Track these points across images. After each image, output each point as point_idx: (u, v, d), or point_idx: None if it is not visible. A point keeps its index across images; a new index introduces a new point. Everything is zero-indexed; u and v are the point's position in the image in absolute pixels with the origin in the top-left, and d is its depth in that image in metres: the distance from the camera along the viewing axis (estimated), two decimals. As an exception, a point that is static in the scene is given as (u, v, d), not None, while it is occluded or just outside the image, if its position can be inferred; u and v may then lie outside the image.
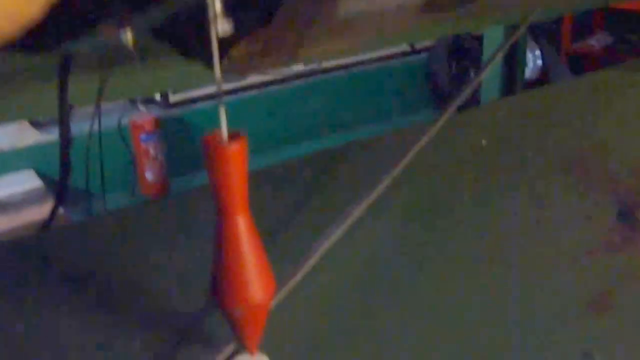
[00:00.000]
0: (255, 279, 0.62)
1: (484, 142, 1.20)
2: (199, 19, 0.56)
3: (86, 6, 0.62)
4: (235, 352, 0.70)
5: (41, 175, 3.08)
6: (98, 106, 1.38)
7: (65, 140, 1.31)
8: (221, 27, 0.56)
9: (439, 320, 0.75)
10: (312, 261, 0.81)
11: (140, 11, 0.64)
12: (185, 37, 0.75)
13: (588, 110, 1.37)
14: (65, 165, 1.32)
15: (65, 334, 0.75)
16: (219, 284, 0.62)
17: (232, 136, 0.58)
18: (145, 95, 3.35)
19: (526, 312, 0.75)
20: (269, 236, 0.91)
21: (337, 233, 0.85)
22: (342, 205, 0.92)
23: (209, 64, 0.65)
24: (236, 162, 0.58)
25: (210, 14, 0.52)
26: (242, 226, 0.60)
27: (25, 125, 3.30)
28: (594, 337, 0.71)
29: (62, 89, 1.22)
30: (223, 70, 0.71)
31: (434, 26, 1.94)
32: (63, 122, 1.29)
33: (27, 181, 3.00)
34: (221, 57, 0.69)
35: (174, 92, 3.70)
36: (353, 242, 0.89)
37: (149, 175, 3.43)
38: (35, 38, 0.66)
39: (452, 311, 0.76)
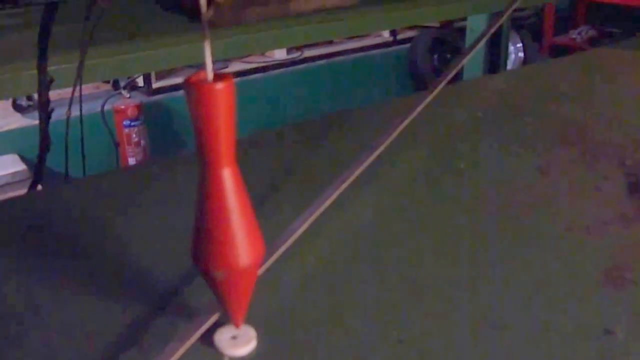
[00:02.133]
0: (241, 240, 0.54)
1: (479, 113, 1.16)
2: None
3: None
4: (218, 324, 0.63)
5: (25, 159, 3.09)
6: (79, 84, 1.34)
7: (45, 111, 1.28)
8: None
9: (438, 294, 0.71)
10: (302, 229, 0.77)
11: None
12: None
13: (586, 84, 1.34)
14: (44, 140, 1.29)
15: (37, 302, 0.71)
16: (201, 246, 0.55)
17: (218, 77, 0.51)
18: (126, 76, 3.33)
19: (539, 286, 0.71)
20: (258, 202, 0.88)
21: (327, 201, 0.81)
22: (332, 173, 0.88)
23: (190, 16, 0.60)
24: (222, 102, 0.50)
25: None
26: (228, 180, 0.53)
27: (8, 109, 3.32)
28: (613, 312, 0.67)
29: (42, 52, 1.18)
30: (209, 20, 0.67)
31: (415, 12, 1.92)
32: (42, 93, 1.25)
33: (10, 165, 3.01)
34: (206, 7, 0.65)
35: (157, 78, 3.68)
36: (346, 208, 0.85)
37: (132, 161, 3.44)
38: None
39: (455, 286, 0.72)
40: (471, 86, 1.37)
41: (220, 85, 0.50)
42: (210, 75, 0.51)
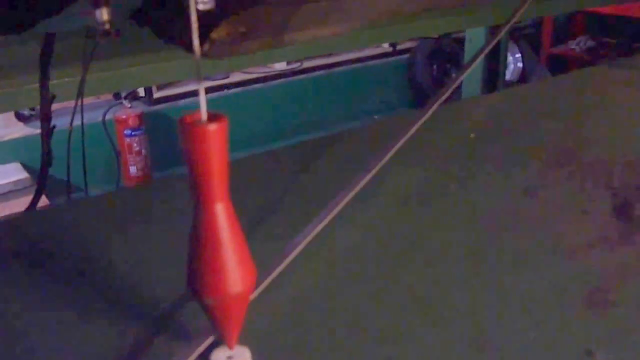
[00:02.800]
0: (232, 270, 0.57)
1: (472, 135, 1.19)
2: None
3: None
4: (215, 344, 0.66)
5: (27, 167, 3.10)
6: (80, 97, 1.36)
7: (47, 130, 1.30)
8: (202, 1, 0.55)
9: (427, 314, 0.73)
10: (297, 251, 0.80)
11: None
12: (165, 19, 0.73)
13: (578, 104, 1.37)
14: (47, 154, 1.31)
15: (36, 322, 0.73)
16: (195, 274, 0.58)
17: (212, 117, 0.54)
18: (128, 89, 3.36)
19: (523, 307, 0.74)
20: (254, 224, 0.90)
21: (322, 223, 0.84)
22: (327, 194, 0.90)
23: (189, 47, 0.63)
24: (215, 143, 0.53)
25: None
26: (221, 214, 0.56)
27: (11, 118, 3.34)
28: (595, 334, 0.70)
29: (44, 72, 1.20)
30: (204, 54, 0.70)
31: (415, 25, 1.94)
32: (44, 109, 1.27)
33: (13, 173, 3.02)
34: (201, 40, 0.68)
35: (158, 88, 3.71)
36: (338, 232, 0.88)
37: (133, 170, 3.45)
38: (9, 16, 0.65)
39: (443, 306, 0.75)
40: (466, 106, 1.40)
41: (213, 127, 0.53)
42: (204, 115, 0.54)
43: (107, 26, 0.67)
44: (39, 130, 1.34)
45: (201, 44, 0.69)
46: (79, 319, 0.73)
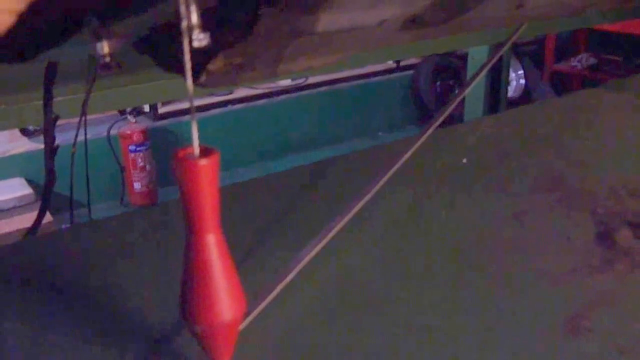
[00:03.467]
0: (222, 299, 0.59)
1: (464, 160, 1.21)
2: (177, 31, 0.56)
3: (59, 18, 0.62)
4: None
5: (31, 182, 3.13)
6: (83, 116, 1.39)
7: (50, 150, 1.32)
8: (197, 39, 0.57)
9: (414, 335, 0.75)
10: (287, 280, 0.82)
11: (115, 23, 0.64)
12: (164, 50, 0.75)
13: (569, 129, 1.38)
14: (50, 174, 1.33)
15: (33, 345, 0.75)
16: (186, 303, 0.60)
17: (204, 151, 0.56)
18: (131, 107, 3.38)
19: (503, 333, 0.76)
20: (248, 249, 0.92)
21: (316, 248, 0.86)
22: (322, 219, 0.92)
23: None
24: (206, 177, 0.56)
25: (183, 27, 0.52)
26: (212, 245, 0.58)
27: (15, 133, 3.36)
28: (568, 359, 0.72)
29: (47, 98, 1.23)
30: (200, 84, 0.72)
31: (417, 44, 1.96)
32: (48, 131, 1.30)
33: (17, 188, 3.04)
34: (198, 71, 0.70)
35: (163, 103, 3.73)
36: (329, 259, 0.89)
37: (137, 186, 3.46)
38: (11, 48, 0.67)
39: (428, 328, 0.77)
40: (460, 130, 1.41)
41: (204, 162, 0.55)
42: (196, 150, 0.56)
43: (107, 59, 0.69)
44: (43, 145, 1.36)
45: (198, 75, 0.71)
46: (76, 343, 0.75)
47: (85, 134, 1.45)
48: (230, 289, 0.60)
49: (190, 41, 0.57)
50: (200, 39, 0.58)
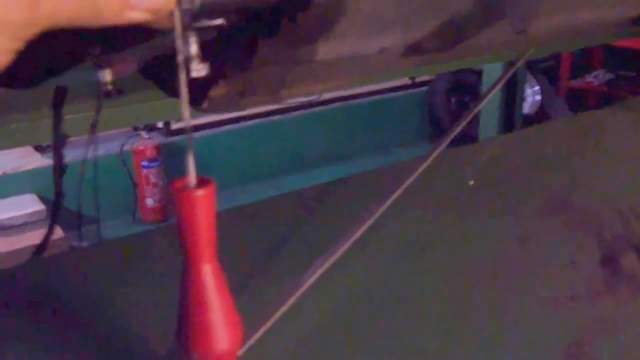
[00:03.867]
0: (219, 328, 0.60)
1: (471, 182, 1.20)
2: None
3: (62, 48, 0.63)
4: None
5: (43, 199, 3.13)
6: (92, 134, 1.40)
7: (59, 171, 1.33)
8: (195, 70, 0.57)
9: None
10: (286, 306, 0.82)
11: (117, 53, 0.65)
12: (167, 77, 0.76)
13: (578, 151, 1.37)
14: (58, 195, 1.35)
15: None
16: (182, 331, 0.61)
17: (201, 182, 0.56)
18: (142, 124, 3.40)
19: (499, 357, 0.76)
20: (250, 273, 0.92)
21: (315, 275, 0.86)
22: (323, 245, 0.92)
23: (191, 103, 0.66)
24: (202, 207, 0.56)
25: (179, 60, 0.53)
26: (208, 275, 0.58)
27: (28, 149, 3.35)
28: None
29: (56, 120, 1.24)
30: (203, 110, 0.73)
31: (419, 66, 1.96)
32: (57, 152, 1.31)
33: (29, 205, 3.04)
34: (200, 98, 0.71)
35: (176, 119, 3.75)
36: (331, 284, 0.89)
37: (150, 201, 3.47)
38: (15, 77, 0.68)
39: (428, 355, 0.77)
40: (467, 152, 1.41)
41: (200, 192, 0.56)
42: (192, 180, 0.57)
43: (109, 87, 0.70)
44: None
45: (200, 101, 0.71)
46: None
47: (93, 152, 1.47)
48: (226, 317, 0.60)
49: (189, 72, 0.57)
50: (199, 70, 0.58)
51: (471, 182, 1.20)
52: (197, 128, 3.75)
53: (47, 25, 0.38)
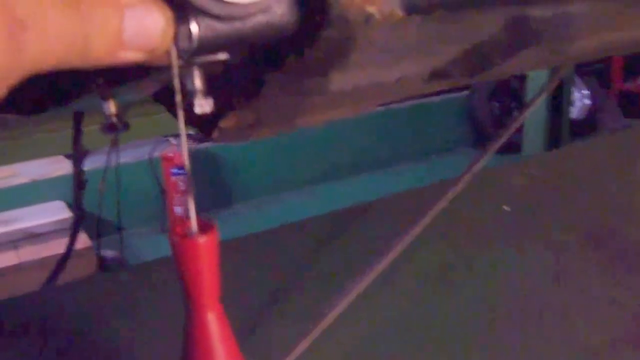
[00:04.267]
0: None
1: (506, 207, 1.14)
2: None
3: (67, 78, 0.61)
4: None
5: (71, 206, 3.10)
6: (114, 145, 1.39)
7: (78, 185, 1.33)
8: (199, 105, 0.54)
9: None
10: (305, 344, 0.78)
11: (121, 86, 0.62)
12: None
13: (627, 173, 1.30)
14: (79, 210, 1.34)
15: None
16: None
17: (203, 226, 0.53)
18: (167, 134, 3.40)
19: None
20: (275, 300, 0.89)
21: (332, 313, 0.82)
22: (343, 277, 0.88)
23: (203, 131, 0.64)
24: (204, 255, 0.53)
25: (177, 99, 0.49)
26: (212, 324, 0.56)
27: (57, 156, 3.31)
28: None
29: (76, 136, 1.23)
30: (213, 140, 0.70)
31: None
32: (77, 169, 1.30)
33: (56, 212, 3.04)
34: (210, 128, 0.68)
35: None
36: (353, 317, 0.85)
37: (178, 210, 3.44)
38: (22, 105, 0.65)
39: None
40: (503, 173, 1.35)
41: (202, 240, 0.53)
42: (194, 225, 0.54)
43: (113, 119, 0.67)
44: (85, 168, 1.36)
45: (211, 131, 0.69)
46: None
47: (121, 159, 1.46)
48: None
49: (192, 107, 0.54)
50: (202, 105, 0.55)
51: (506, 208, 1.14)
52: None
53: (33, 70, 0.35)
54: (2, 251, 2.78)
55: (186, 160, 0.54)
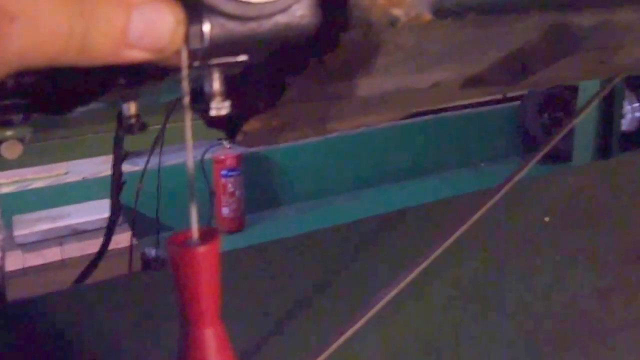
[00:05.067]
0: None
1: (546, 218, 1.10)
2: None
3: (89, 77, 0.60)
4: None
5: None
6: (157, 146, 1.41)
7: (117, 186, 1.34)
8: (216, 108, 0.52)
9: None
10: (342, 339, 0.75)
11: (141, 87, 0.61)
12: (200, 108, 0.71)
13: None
14: (115, 208, 1.35)
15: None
16: None
17: (205, 234, 0.49)
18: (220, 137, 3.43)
19: None
20: (301, 306, 0.86)
21: (357, 324, 0.79)
22: (372, 286, 0.85)
23: (228, 135, 0.63)
24: (204, 265, 0.49)
25: (185, 101, 0.48)
26: (210, 341, 0.52)
27: (108, 156, 3.38)
28: None
29: (118, 140, 1.24)
30: (238, 143, 0.68)
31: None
32: (116, 170, 1.31)
33: (105, 210, 3.04)
34: (234, 131, 0.66)
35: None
36: (384, 328, 0.82)
37: (226, 211, 3.47)
38: (47, 104, 0.65)
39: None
40: (545, 182, 1.30)
41: (202, 249, 0.49)
42: (195, 234, 0.50)
43: (132, 120, 0.66)
44: (135, 168, 1.37)
45: (235, 133, 0.67)
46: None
47: (159, 161, 1.47)
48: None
49: (208, 110, 0.53)
50: (219, 108, 0.53)
51: (547, 219, 1.10)
52: (279, 137, 3.73)
53: (21, 65, 0.33)
54: (47, 247, 2.81)
55: (190, 165, 0.51)
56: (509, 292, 0.91)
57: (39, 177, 3.33)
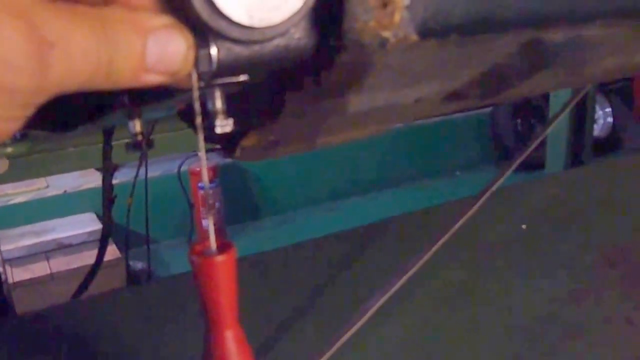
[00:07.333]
0: None
1: (523, 226, 1.15)
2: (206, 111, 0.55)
3: (94, 96, 0.63)
4: None
5: (102, 218, 3.15)
6: (144, 159, 1.42)
7: (108, 201, 1.35)
8: (220, 125, 0.56)
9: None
10: (331, 351, 0.79)
11: (146, 106, 0.64)
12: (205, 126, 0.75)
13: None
14: (108, 224, 1.37)
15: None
16: None
17: (222, 246, 0.55)
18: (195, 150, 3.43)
19: None
20: (292, 318, 0.90)
21: (348, 333, 0.83)
22: (357, 297, 0.89)
23: (225, 151, 0.66)
24: (222, 274, 0.55)
25: (198, 121, 0.51)
26: (230, 342, 0.58)
27: (89, 169, 3.33)
28: None
29: (106, 154, 1.26)
30: (236, 158, 0.72)
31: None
32: (106, 184, 1.33)
33: (88, 224, 3.08)
34: (232, 147, 0.70)
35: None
36: (366, 340, 0.86)
37: (205, 223, 3.44)
38: (52, 122, 0.68)
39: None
40: (521, 191, 1.35)
41: (220, 259, 0.54)
42: (213, 245, 0.55)
43: (139, 137, 0.69)
44: (116, 180, 1.39)
45: (233, 149, 0.71)
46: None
47: (146, 174, 1.49)
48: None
49: (213, 128, 0.56)
50: (223, 126, 0.57)
51: (524, 226, 1.15)
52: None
53: (58, 91, 0.36)
54: (35, 261, 2.83)
55: (205, 179, 0.56)
56: (486, 297, 0.96)
57: (19, 191, 3.33)
